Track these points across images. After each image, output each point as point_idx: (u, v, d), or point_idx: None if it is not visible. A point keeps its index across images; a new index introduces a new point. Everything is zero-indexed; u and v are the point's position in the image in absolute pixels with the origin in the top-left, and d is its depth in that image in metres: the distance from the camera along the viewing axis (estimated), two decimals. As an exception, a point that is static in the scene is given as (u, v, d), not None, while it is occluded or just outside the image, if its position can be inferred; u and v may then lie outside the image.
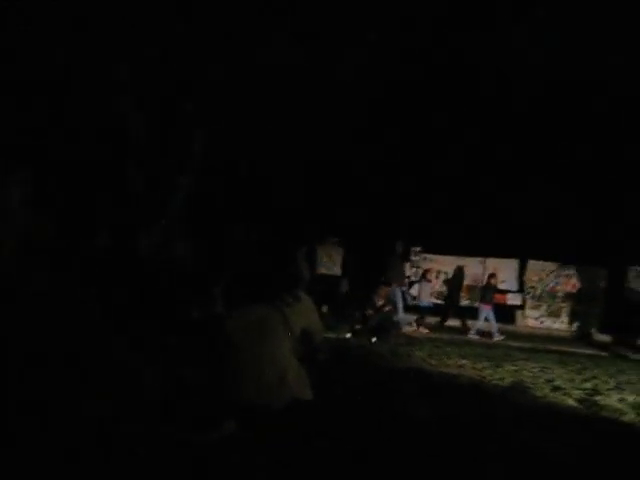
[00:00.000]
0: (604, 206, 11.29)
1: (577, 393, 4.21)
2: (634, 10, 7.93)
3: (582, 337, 10.81)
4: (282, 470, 1.97)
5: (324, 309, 9.71)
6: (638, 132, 10.18)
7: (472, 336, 9.26)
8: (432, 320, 10.90)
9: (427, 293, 10.80)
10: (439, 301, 12.11)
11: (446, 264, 12.41)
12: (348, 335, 7.41)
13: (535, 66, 9.17)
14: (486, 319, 9.50)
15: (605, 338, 10.46)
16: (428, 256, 12.42)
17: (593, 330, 11.19)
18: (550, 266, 12.14)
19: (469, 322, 10.58)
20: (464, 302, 12.14)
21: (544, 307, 12.17)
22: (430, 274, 11.21)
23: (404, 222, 11.78)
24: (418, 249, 12.47)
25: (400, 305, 9.44)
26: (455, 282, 12.07)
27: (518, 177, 11.58)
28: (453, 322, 11.26)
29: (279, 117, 7.64)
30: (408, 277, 12.73)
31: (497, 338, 9.22)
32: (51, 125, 5.68)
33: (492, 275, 10.11)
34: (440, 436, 2.60)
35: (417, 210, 11.83)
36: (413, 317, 9.98)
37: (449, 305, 11.72)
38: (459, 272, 12.11)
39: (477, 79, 9.96)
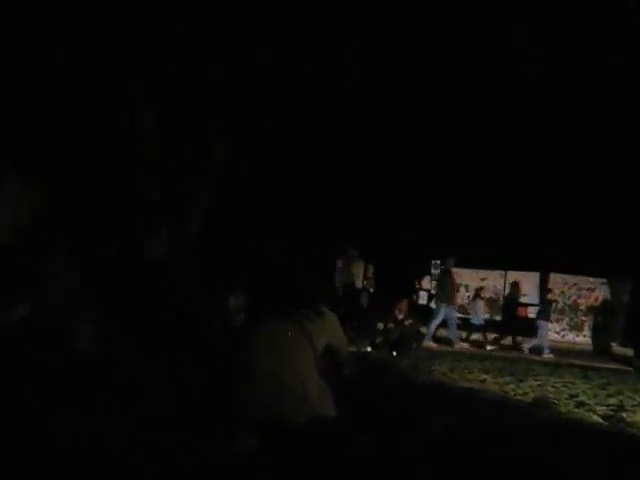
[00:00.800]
0: (629, 218, 11.08)
1: (602, 409, 4.14)
2: (634, 10, 7.92)
3: (601, 351, 10.57)
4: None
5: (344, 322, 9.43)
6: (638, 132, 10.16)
7: (546, 355, 8.94)
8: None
9: (480, 310, 10.46)
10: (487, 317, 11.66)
11: (467, 278, 12.30)
12: (368, 349, 7.36)
13: (535, 66, 9.16)
14: (541, 335, 9.32)
15: (627, 352, 10.18)
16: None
17: (614, 344, 10.90)
18: (572, 279, 12.00)
19: (490, 336, 10.31)
20: (485, 316, 11.75)
21: (566, 320, 12.06)
22: (484, 292, 10.84)
23: (427, 236, 11.52)
24: (438, 262, 12.19)
25: (436, 322, 9.06)
26: (511, 297, 11.78)
27: (544, 188, 11.35)
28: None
29: (279, 117, 7.61)
30: (428, 290, 12.49)
31: (547, 355, 8.97)
32: (51, 125, 5.66)
33: (549, 290, 10.21)
34: (465, 453, 2.55)
35: (442, 225, 11.63)
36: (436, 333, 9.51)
37: (510, 321, 11.25)
38: (515, 287, 11.84)
39: (477, 79, 9.94)
